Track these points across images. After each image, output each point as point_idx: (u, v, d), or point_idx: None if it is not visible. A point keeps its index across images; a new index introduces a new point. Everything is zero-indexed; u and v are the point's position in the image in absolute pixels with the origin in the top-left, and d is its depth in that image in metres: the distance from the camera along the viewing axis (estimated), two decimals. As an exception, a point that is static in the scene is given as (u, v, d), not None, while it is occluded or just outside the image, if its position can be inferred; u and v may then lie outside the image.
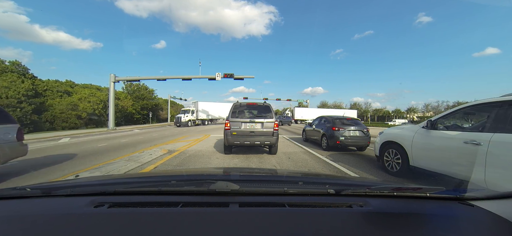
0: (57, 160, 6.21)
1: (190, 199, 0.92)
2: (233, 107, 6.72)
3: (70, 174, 4.70)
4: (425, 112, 56.10)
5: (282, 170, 4.56)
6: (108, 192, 0.99)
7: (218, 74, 22.98)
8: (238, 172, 1.86)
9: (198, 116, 27.39)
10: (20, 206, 0.91)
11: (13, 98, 20.31)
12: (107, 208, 0.83)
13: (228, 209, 0.83)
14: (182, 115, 25.02)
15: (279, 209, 0.85)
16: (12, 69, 24.27)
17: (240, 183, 1.04)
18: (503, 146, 2.60)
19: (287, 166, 5.49)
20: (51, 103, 26.13)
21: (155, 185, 1.14)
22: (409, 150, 4.03)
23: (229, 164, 5.69)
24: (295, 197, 0.97)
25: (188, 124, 25.08)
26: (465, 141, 3.02)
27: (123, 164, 5.55)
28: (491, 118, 2.94)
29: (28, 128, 20.76)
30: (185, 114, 25.40)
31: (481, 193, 0.97)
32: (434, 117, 3.84)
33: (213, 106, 31.38)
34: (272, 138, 6.32)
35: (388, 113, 59.76)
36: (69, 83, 34.33)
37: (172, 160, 6.02)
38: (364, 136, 7.58)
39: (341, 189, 1.02)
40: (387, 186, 1.09)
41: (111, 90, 22.02)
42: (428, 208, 0.91)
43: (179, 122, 24.68)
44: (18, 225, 0.74)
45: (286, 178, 1.56)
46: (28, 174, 4.75)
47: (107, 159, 6.25)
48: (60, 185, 1.18)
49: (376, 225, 0.78)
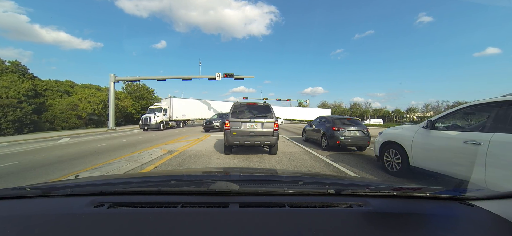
0: (57, 160, 6.21)
1: (190, 199, 0.92)
2: (233, 108, 6.73)
3: (70, 174, 4.70)
4: (425, 112, 56.08)
5: (282, 170, 4.56)
6: (108, 192, 0.99)
7: (218, 74, 22.98)
8: (238, 172, 1.86)
9: (173, 117, 21.53)
10: (20, 206, 0.91)
11: (13, 98, 20.29)
12: (107, 208, 0.83)
13: (228, 209, 0.83)
14: (152, 116, 18.95)
15: (279, 209, 0.85)
16: (12, 70, 24.27)
17: (240, 183, 1.04)
18: (503, 146, 2.60)
19: (287, 166, 5.49)
20: (51, 103, 26.10)
21: (155, 185, 1.14)
22: (409, 150, 4.03)
23: (229, 164, 5.69)
24: (295, 197, 0.97)
25: (161, 127, 19.29)
26: (465, 141, 3.02)
27: (123, 164, 5.55)
28: (491, 118, 2.94)
29: (28, 128, 20.76)
30: (156, 114, 19.36)
31: (481, 193, 0.97)
32: (434, 117, 3.84)
33: (193, 105, 25.60)
34: (272, 138, 6.33)
35: (388, 113, 59.72)
36: (69, 83, 34.28)
37: (172, 160, 6.02)
38: (364, 136, 7.58)
39: (341, 189, 1.02)
40: (387, 186, 1.09)
41: (111, 90, 22.04)
42: (428, 208, 0.91)
43: (148, 123, 18.59)
44: (18, 225, 0.74)
45: (286, 178, 1.56)
46: (28, 173, 4.75)
47: (107, 159, 6.26)
48: (60, 185, 1.18)
49: (376, 225, 0.78)
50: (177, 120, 22.47)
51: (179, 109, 22.74)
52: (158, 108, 20.31)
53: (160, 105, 21.00)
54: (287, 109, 44.35)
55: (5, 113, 19.20)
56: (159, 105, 21.02)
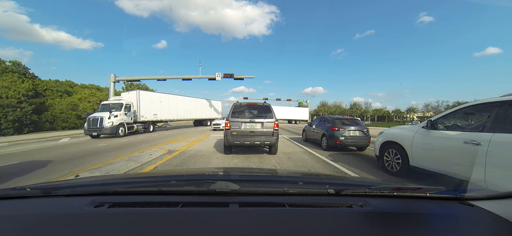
0: (57, 160, 6.21)
1: (190, 199, 0.92)
2: (233, 108, 6.73)
3: (70, 174, 4.70)
4: (425, 112, 56.05)
5: (282, 170, 4.57)
6: (108, 192, 0.99)
7: (218, 74, 22.97)
8: (238, 172, 1.86)
9: (141, 117, 15.72)
10: (20, 206, 0.91)
11: (13, 98, 20.33)
12: (107, 208, 0.83)
13: (228, 209, 0.83)
14: (105, 116, 12.67)
15: (279, 209, 0.85)
16: (13, 69, 24.31)
17: (240, 183, 1.04)
18: (503, 146, 2.60)
19: (287, 166, 5.49)
20: (51, 103, 26.15)
21: (155, 185, 1.14)
22: (409, 150, 4.03)
23: (229, 164, 5.69)
24: (295, 197, 0.97)
25: (119, 131, 13.03)
26: (465, 141, 3.02)
27: (123, 164, 5.56)
28: (491, 118, 2.94)
29: (28, 128, 20.79)
30: (112, 113, 13.12)
31: (481, 193, 0.97)
32: (434, 117, 3.84)
33: (170, 103, 19.77)
34: (272, 138, 6.33)
35: (388, 113, 59.70)
36: (69, 83, 34.34)
37: (172, 160, 6.03)
38: (364, 136, 7.58)
39: (341, 189, 1.02)
40: (387, 186, 1.09)
41: (111, 90, 22.00)
42: (428, 208, 0.91)
43: (98, 127, 12.39)
44: (18, 225, 0.74)
45: (286, 178, 1.56)
46: (28, 173, 4.75)
47: (107, 159, 6.26)
48: (60, 185, 1.18)
49: (376, 225, 0.78)
50: (146, 121, 16.46)
51: (150, 107, 17.02)
52: (116, 105, 14.07)
53: (119, 100, 14.81)
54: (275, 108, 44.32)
55: (5, 113, 19.23)
56: (118, 100, 14.82)
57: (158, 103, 18.29)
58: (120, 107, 13.98)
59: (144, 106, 16.40)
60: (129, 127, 14.47)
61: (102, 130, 12.38)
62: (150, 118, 17.08)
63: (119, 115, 13.57)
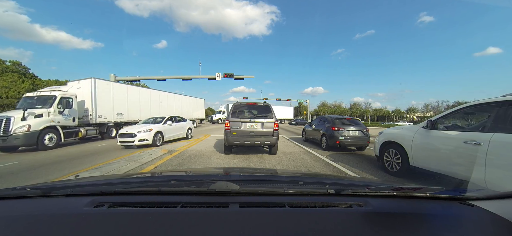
0: (57, 160, 6.21)
1: (190, 199, 0.92)
2: (233, 107, 6.73)
3: (70, 174, 4.70)
4: (425, 112, 56.08)
5: (282, 170, 4.57)
6: (108, 192, 0.99)
7: (218, 74, 22.96)
8: (238, 172, 1.86)
9: (97, 117, 11.44)
10: (20, 206, 0.91)
11: (13, 98, 20.32)
12: (107, 208, 0.83)
13: (228, 209, 0.83)
14: (12, 116, 7.84)
15: (279, 209, 0.85)
16: (13, 69, 24.31)
17: (240, 183, 1.04)
18: (503, 146, 2.60)
19: (287, 166, 5.50)
20: (51, 103, 26.18)
21: (155, 185, 1.14)
22: (409, 150, 4.03)
23: (229, 164, 5.69)
24: (295, 197, 0.97)
25: (44, 140, 8.33)
26: (465, 141, 3.02)
27: (123, 164, 5.56)
28: (491, 117, 2.94)
29: (28, 128, 20.80)
30: (36, 108, 8.70)
31: (481, 193, 0.97)
32: (434, 117, 3.84)
33: (141, 97, 15.37)
34: (272, 138, 6.33)
35: (388, 113, 59.68)
36: (69, 83, 34.38)
37: (172, 160, 6.03)
38: (363, 136, 7.59)
39: (341, 189, 1.02)
40: (387, 186, 1.09)
41: (111, 90, 21.87)
42: (428, 208, 0.91)
43: (6, 133, 7.56)
44: (18, 225, 0.74)
45: (286, 178, 1.56)
46: (28, 173, 4.75)
47: (107, 159, 6.26)
48: (60, 185, 1.18)
49: (376, 225, 0.78)
50: (104, 123, 12.02)
51: (112, 105, 12.59)
52: (42, 98, 9.33)
53: (50, 92, 9.70)
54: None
55: (5, 113, 19.18)
56: (49, 92, 9.72)
57: (125, 99, 13.67)
58: (51, 102, 9.11)
59: (103, 103, 11.87)
60: (69, 132, 9.72)
61: (7, 139, 7.58)
62: (113, 119, 12.60)
63: (46, 114, 8.75)
